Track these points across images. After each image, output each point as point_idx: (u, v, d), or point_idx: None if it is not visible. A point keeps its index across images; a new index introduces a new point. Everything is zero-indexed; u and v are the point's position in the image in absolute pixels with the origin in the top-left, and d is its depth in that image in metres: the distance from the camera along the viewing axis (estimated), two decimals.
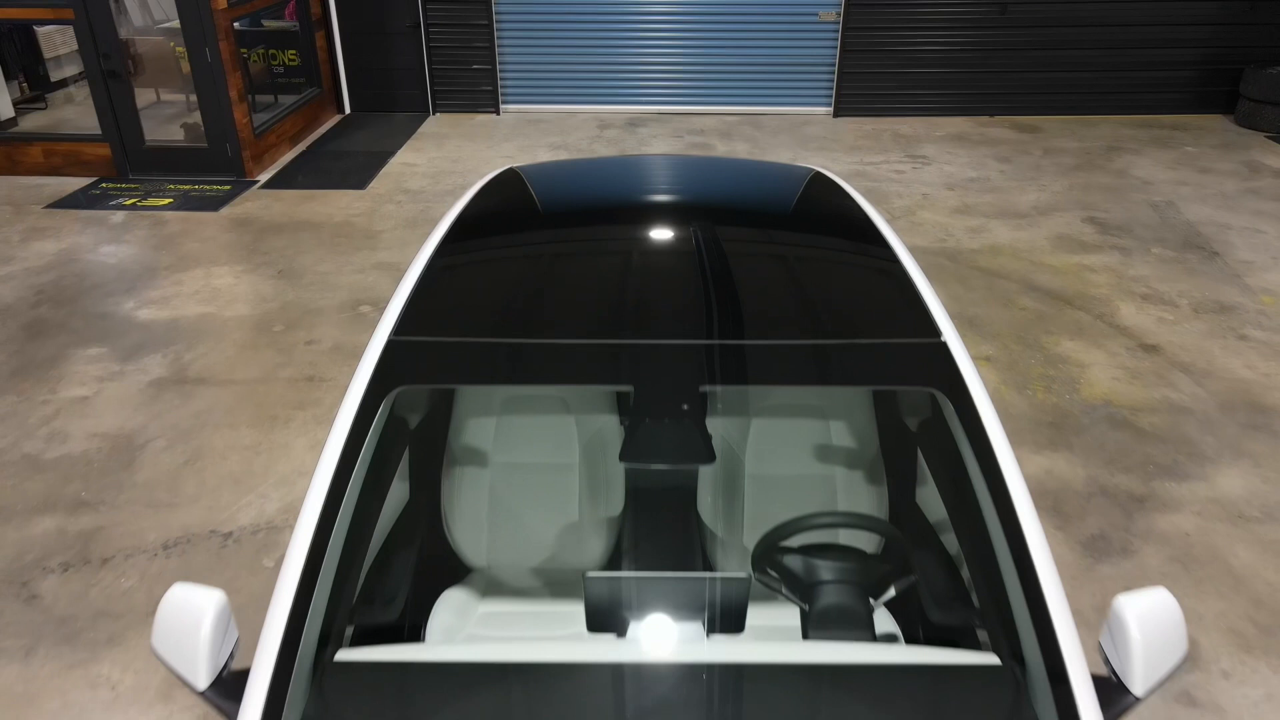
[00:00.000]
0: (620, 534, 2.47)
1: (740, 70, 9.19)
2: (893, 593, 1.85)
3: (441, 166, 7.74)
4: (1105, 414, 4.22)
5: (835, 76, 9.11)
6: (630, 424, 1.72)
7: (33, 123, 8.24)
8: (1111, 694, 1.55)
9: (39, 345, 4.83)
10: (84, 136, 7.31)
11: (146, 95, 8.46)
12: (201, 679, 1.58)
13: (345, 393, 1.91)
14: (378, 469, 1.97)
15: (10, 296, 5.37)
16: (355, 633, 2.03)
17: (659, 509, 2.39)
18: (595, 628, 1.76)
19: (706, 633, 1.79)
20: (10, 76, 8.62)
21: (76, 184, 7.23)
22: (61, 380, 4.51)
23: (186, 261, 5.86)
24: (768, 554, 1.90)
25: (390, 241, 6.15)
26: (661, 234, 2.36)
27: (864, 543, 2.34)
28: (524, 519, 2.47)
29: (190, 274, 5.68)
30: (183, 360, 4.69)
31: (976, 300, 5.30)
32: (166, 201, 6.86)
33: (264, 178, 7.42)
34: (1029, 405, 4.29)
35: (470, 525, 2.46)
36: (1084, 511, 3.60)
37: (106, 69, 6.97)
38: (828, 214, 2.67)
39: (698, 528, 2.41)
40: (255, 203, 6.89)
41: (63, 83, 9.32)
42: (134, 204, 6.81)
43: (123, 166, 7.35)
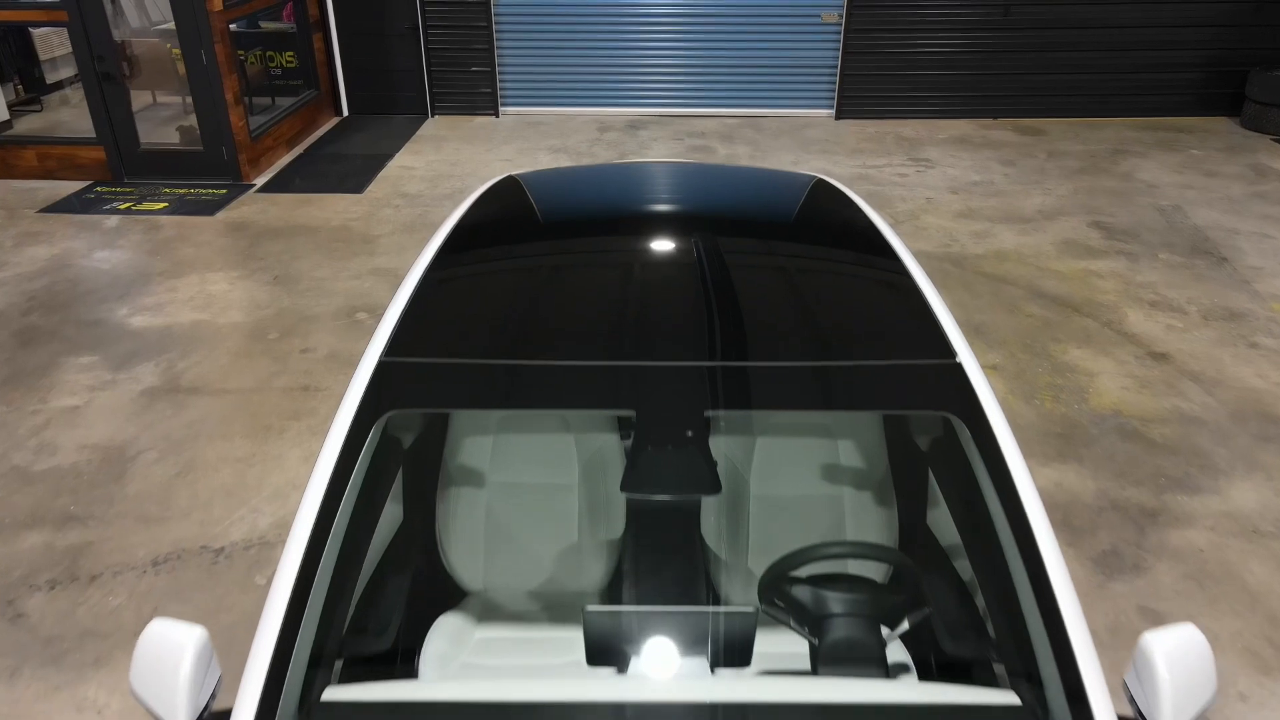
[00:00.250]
0: (621, 557, 2.39)
1: (741, 72, 9.12)
2: (906, 626, 1.78)
3: (440, 170, 7.66)
4: (1115, 424, 4.15)
5: (837, 79, 9.03)
6: (632, 451, 1.65)
7: (28, 125, 8.16)
8: None
9: (30, 353, 4.76)
10: (78, 140, 7.23)
11: (143, 97, 8.37)
12: None
13: (334, 416, 1.83)
14: (368, 495, 1.89)
15: (1, 303, 5.29)
16: (347, 662, 1.95)
17: (661, 531, 2.32)
18: (595, 662, 1.69)
19: (711, 668, 1.71)
20: (5, 78, 8.54)
21: (71, 188, 7.15)
22: (52, 389, 4.43)
23: (181, 267, 5.78)
24: (775, 584, 1.82)
25: (387, 246, 6.08)
26: (664, 250, 2.29)
27: (875, 571, 2.27)
28: (521, 541, 2.40)
29: (185, 280, 5.60)
30: (176, 369, 4.61)
31: (982, 307, 5.23)
32: (161, 206, 6.78)
33: (260, 181, 7.35)
34: (1037, 415, 4.21)
35: (466, 548, 2.39)
36: (1095, 526, 3.52)
37: (101, 71, 6.89)
38: (834, 225, 2.59)
39: (701, 551, 2.34)
40: (251, 207, 6.81)
41: (58, 85, 9.25)
42: (128, 208, 6.73)
43: (117, 170, 7.27)
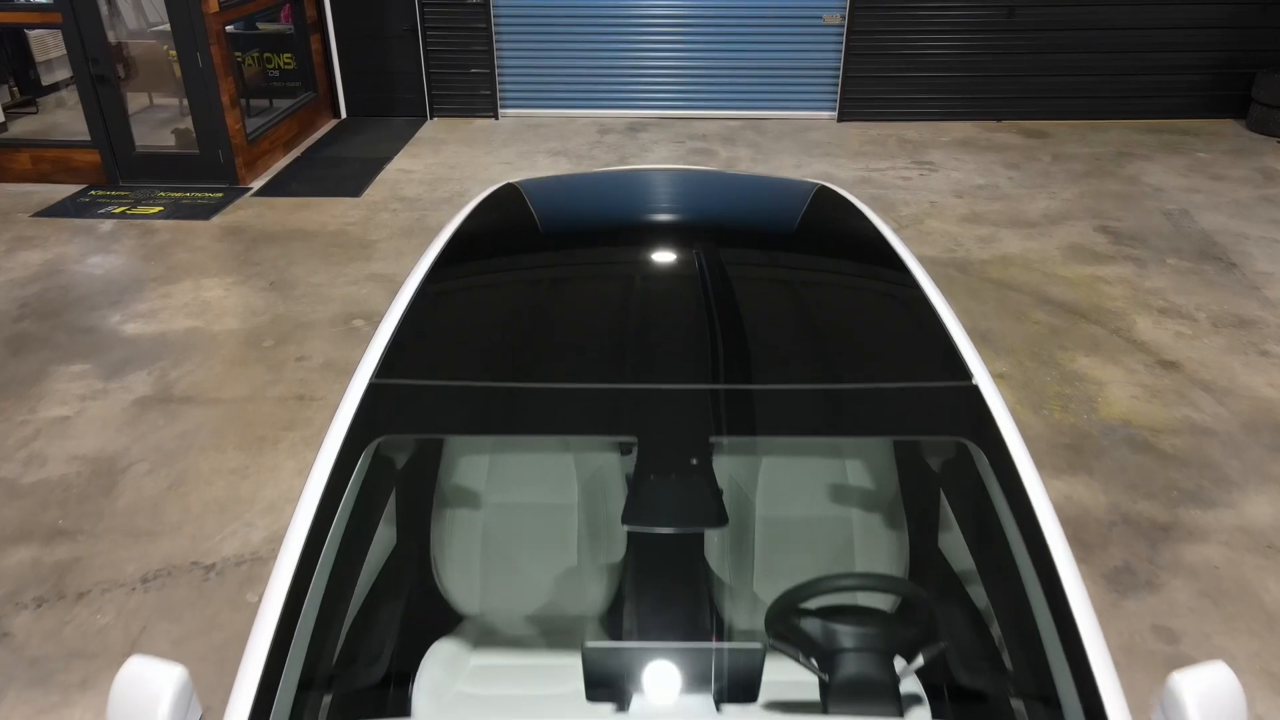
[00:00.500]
0: (622, 580, 2.31)
1: (743, 74, 9.04)
2: (921, 661, 1.70)
3: (438, 173, 7.58)
4: (1125, 435, 4.07)
5: (839, 81, 8.95)
6: (634, 481, 1.57)
7: (23, 127, 8.08)
8: None
9: (20, 362, 4.68)
10: (73, 143, 7.15)
11: (139, 99, 8.30)
12: None
13: (322, 441, 1.75)
14: (357, 524, 1.81)
15: None
16: (337, 693, 1.87)
17: (663, 554, 2.24)
18: (595, 698, 1.61)
19: (717, 705, 1.63)
20: (0, 81, 8.46)
21: (65, 191, 7.07)
22: (42, 399, 4.35)
23: (175, 272, 5.70)
24: (783, 617, 1.74)
25: (385, 251, 6.00)
26: (667, 267, 2.21)
27: (886, 600, 2.19)
28: (519, 563, 2.32)
29: (179, 286, 5.52)
30: (168, 377, 4.53)
31: (988, 313, 5.15)
32: (156, 210, 6.71)
33: (257, 185, 7.27)
34: (1045, 426, 4.13)
35: (462, 571, 2.31)
36: (1106, 541, 3.45)
37: (95, 74, 6.81)
38: (840, 237, 2.51)
39: (705, 574, 2.26)
40: (247, 211, 6.73)
41: (54, 87, 9.17)
42: (123, 212, 6.65)
43: (112, 173, 7.19)
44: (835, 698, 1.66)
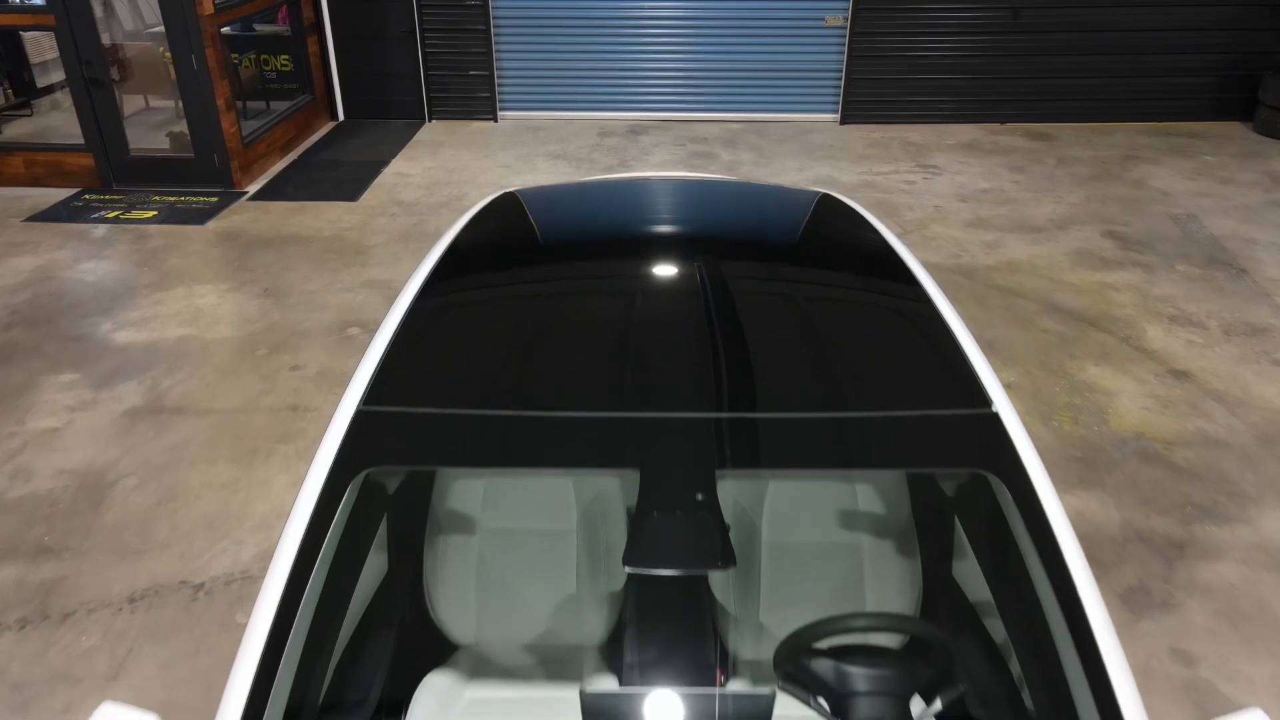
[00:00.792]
0: (622, 609, 2.22)
1: (744, 76, 8.95)
2: (939, 705, 1.61)
3: (437, 177, 7.49)
4: (1136, 448, 3.98)
5: (842, 83, 8.86)
6: (636, 518, 1.48)
7: (18, 130, 7.99)
8: None
9: (9, 371, 4.59)
10: (66, 146, 7.06)
11: (135, 102, 8.22)
12: None
13: (306, 473, 1.66)
14: (346, 554, 1.72)
15: None
16: None
17: (665, 581, 2.15)
18: None
19: None
20: None
21: (58, 195, 6.98)
22: (31, 410, 4.26)
23: (169, 279, 5.61)
24: (792, 657, 1.66)
25: (382, 257, 5.91)
26: (670, 287, 2.12)
27: (902, 637, 2.09)
28: (516, 591, 2.23)
29: (172, 293, 5.43)
30: (160, 387, 4.44)
31: (995, 321, 5.06)
32: (151, 214, 6.62)
33: (253, 189, 7.18)
34: (1055, 438, 4.04)
35: (456, 598, 2.22)
36: (1120, 559, 3.35)
37: (89, 77, 6.72)
38: (847, 250, 2.42)
39: (709, 603, 2.17)
40: (243, 215, 6.64)
41: (49, 89, 9.08)
42: (117, 217, 6.56)
43: (106, 177, 7.10)
44: None
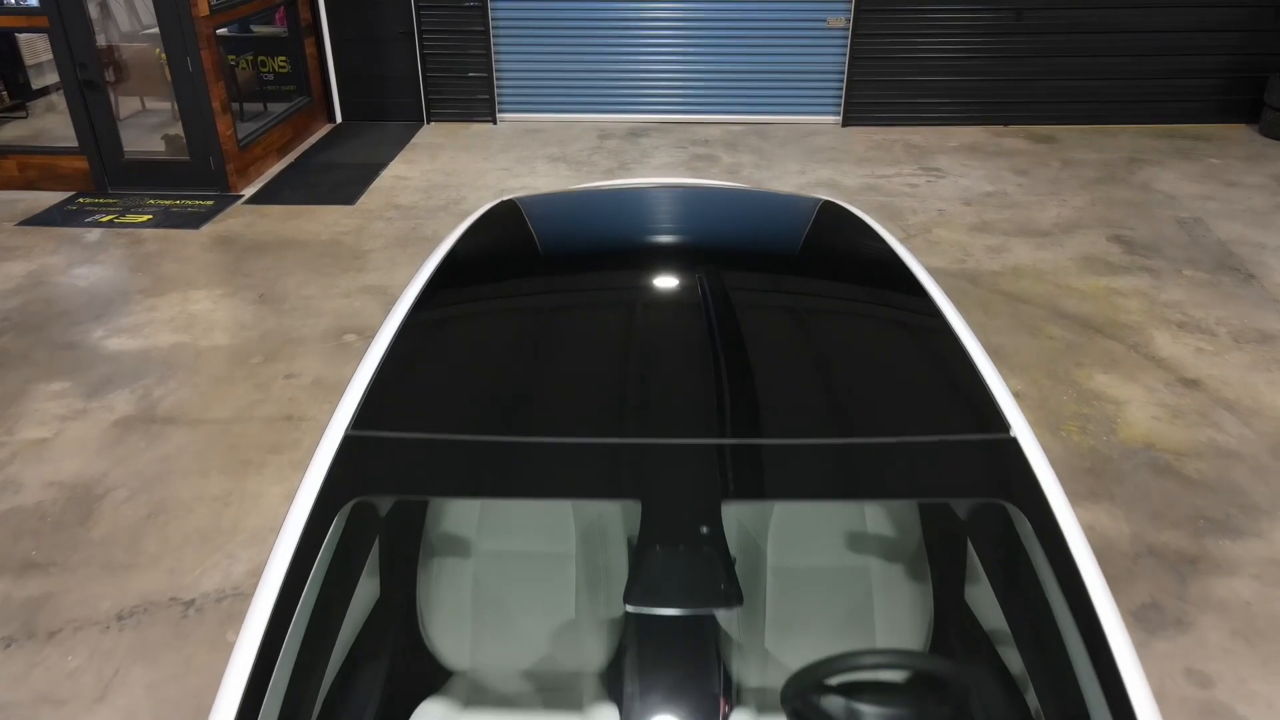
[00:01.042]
0: (623, 634, 2.15)
1: (745, 78, 8.87)
2: None
3: (435, 180, 7.41)
4: (1147, 459, 3.90)
5: (844, 85, 8.78)
6: (637, 553, 1.40)
7: (12, 132, 7.92)
8: None
9: None
10: (60, 149, 6.98)
11: (131, 103, 8.13)
12: None
13: (292, 502, 1.59)
14: (334, 583, 1.65)
15: None
16: None
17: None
18: None
19: None
20: None
21: (52, 199, 6.90)
22: (20, 420, 4.18)
23: (163, 285, 5.54)
24: (800, 694, 1.58)
25: (379, 262, 5.83)
26: (673, 303, 2.04)
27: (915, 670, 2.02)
28: (512, 616, 2.15)
29: (166, 299, 5.35)
30: (152, 396, 4.36)
31: (1001, 328, 4.98)
32: (145, 218, 6.54)
33: (249, 192, 7.10)
34: (1064, 449, 3.96)
35: (451, 623, 2.14)
36: (1132, 575, 3.28)
37: (83, 79, 6.64)
38: (851, 263, 2.35)
39: (712, 628, 2.09)
40: (238, 219, 6.56)
41: (44, 91, 9.00)
42: (111, 221, 6.48)
43: (101, 181, 7.02)
44: None
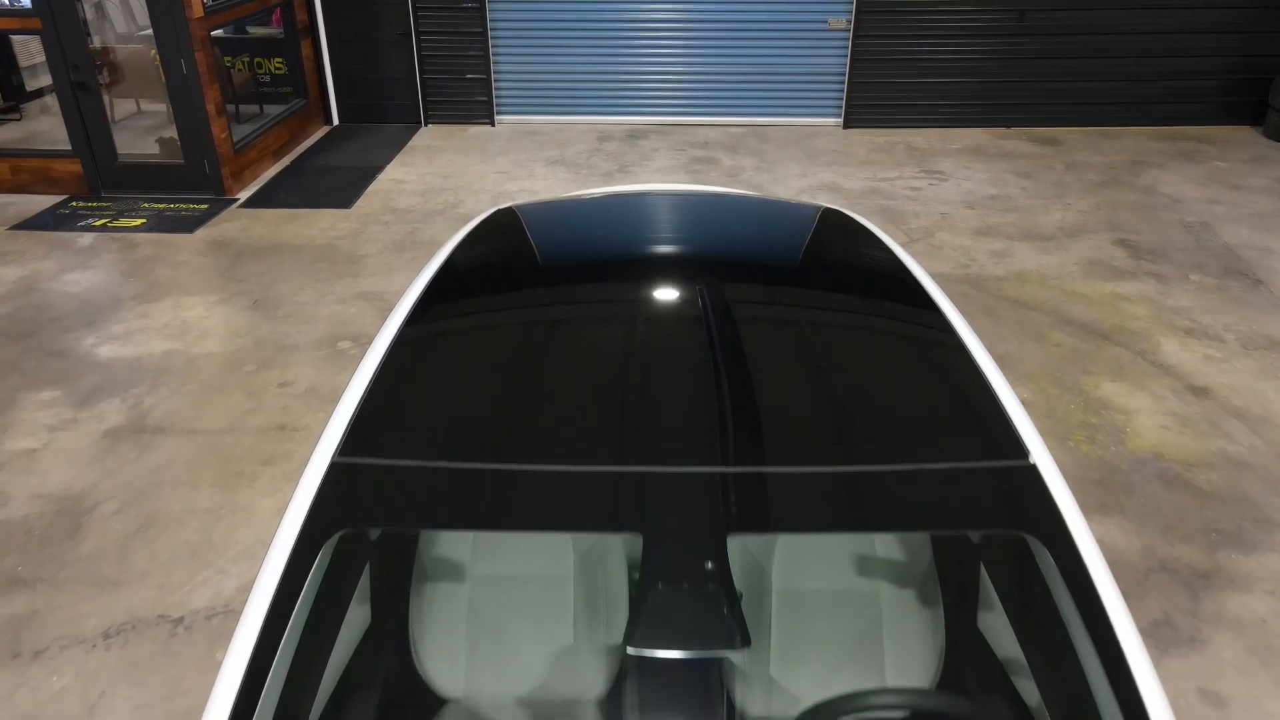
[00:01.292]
0: (622, 661, 2.07)
1: (746, 80, 8.79)
2: None
3: (432, 183, 7.34)
4: (1156, 469, 3.83)
5: (845, 86, 8.71)
6: (638, 590, 1.33)
7: (5, 135, 7.84)
8: None
9: None
10: (53, 152, 6.90)
11: (126, 105, 8.06)
12: None
13: (275, 535, 1.51)
14: (320, 617, 1.57)
15: None
16: None
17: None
18: None
19: None
20: None
21: (45, 202, 6.83)
22: (8, 430, 4.11)
23: (156, 290, 5.46)
24: None
25: (375, 267, 5.76)
26: (676, 322, 1.96)
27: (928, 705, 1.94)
28: (508, 642, 2.08)
29: (159, 305, 5.28)
30: (143, 406, 4.29)
31: (1006, 335, 4.91)
32: (139, 222, 6.46)
33: (244, 195, 7.02)
34: (1072, 459, 3.89)
35: (444, 650, 2.07)
36: (1144, 590, 3.20)
37: (76, 81, 6.56)
38: (861, 275, 2.27)
39: (716, 655, 2.01)
40: (233, 223, 6.49)
41: (39, 92, 8.92)
42: (104, 225, 6.41)
43: (94, 184, 6.94)
44: None
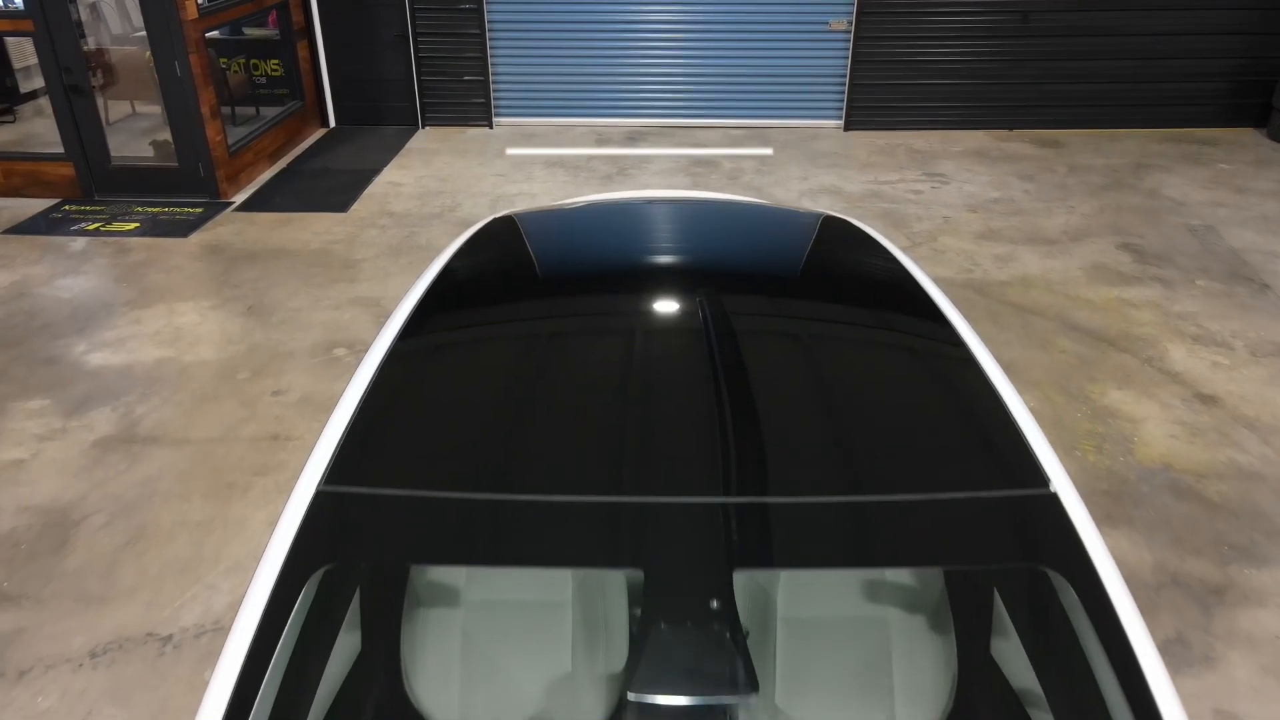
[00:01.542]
0: (623, 689, 2.00)
1: (746, 81, 8.72)
2: None
3: (429, 186, 7.26)
4: (1166, 480, 3.76)
5: (846, 88, 8.64)
6: (640, 631, 1.26)
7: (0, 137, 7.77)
8: None
9: None
10: (46, 155, 6.82)
11: (121, 107, 7.97)
12: None
13: (256, 568, 1.44)
14: (305, 652, 1.50)
15: None
16: None
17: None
18: None
19: None
20: None
21: (38, 206, 6.75)
22: None
23: (148, 296, 5.38)
24: None
25: (370, 272, 5.68)
26: (677, 338, 1.89)
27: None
28: (504, 670, 2.00)
29: (151, 311, 5.20)
30: (134, 414, 4.21)
31: (1011, 341, 4.84)
32: (133, 226, 6.38)
33: (239, 199, 6.95)
34: (1080, 470, 3.82)
35: (437, 679, 1.99)
36: (1155, 606, 3.13)
37: (69, 83, 6.49)
38: (867, 289, 2.21)
39: None
40: (228, 227, 6.41)
41: (33, 94, 8.84)
42: (97, 229, 6.33)
43: (88, 187, 6.87)
44: None
